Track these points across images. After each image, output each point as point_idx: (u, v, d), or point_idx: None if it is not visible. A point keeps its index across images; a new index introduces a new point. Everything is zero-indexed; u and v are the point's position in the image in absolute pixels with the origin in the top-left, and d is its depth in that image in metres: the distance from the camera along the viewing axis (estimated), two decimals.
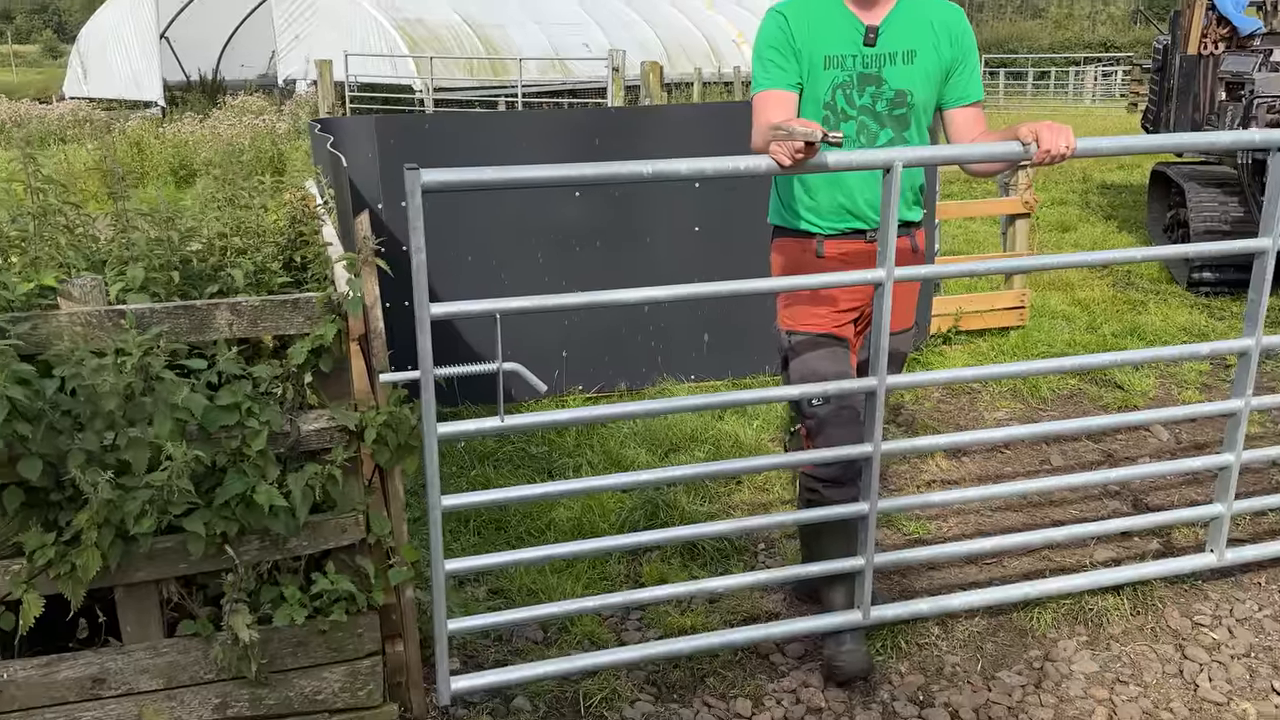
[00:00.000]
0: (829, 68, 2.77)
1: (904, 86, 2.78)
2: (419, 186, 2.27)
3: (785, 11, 2.80)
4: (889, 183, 2.51)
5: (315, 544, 2.43)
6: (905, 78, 2.78)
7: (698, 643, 2.81)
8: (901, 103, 2.79)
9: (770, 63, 2.79)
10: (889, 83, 2.77)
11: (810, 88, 2.79)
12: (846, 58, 2.77)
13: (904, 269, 2.63)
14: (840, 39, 2.77)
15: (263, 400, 2.32)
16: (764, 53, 2.81)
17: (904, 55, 2.78)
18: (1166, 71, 8.59)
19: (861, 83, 2.77)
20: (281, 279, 2.80)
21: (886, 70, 2.77)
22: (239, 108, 15.36)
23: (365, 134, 4.67)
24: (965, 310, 5.79)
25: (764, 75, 2.81)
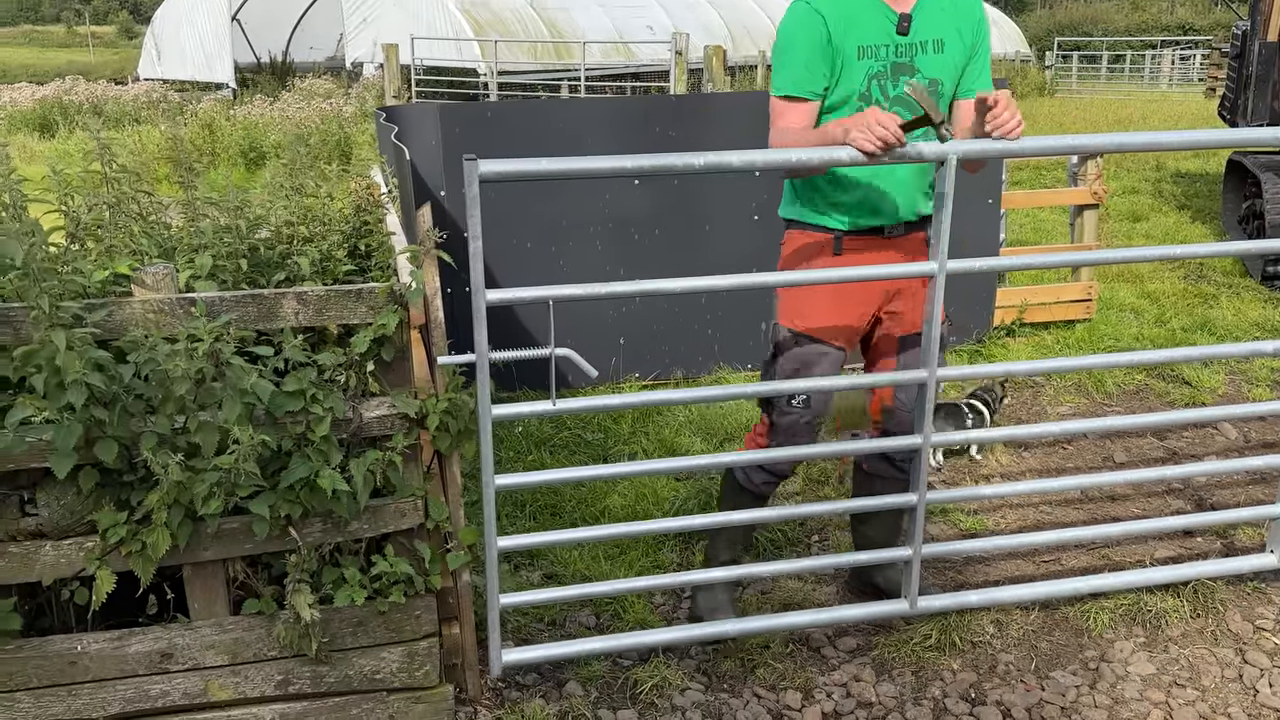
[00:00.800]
0: (863, 58, 2.69)
1: (937, 75, 2.73)
2: (476, 177, 2.30)
3: (817, 3, 2.70)
4: (943, 176, 2.50)
5: (375, 527, 2.49)
6: (938, 66, 2.73)
7: (745, 625, 2.84)
8: (934, 92, 2.74)
9: (799, 63, 2.69)
10: (923, 71, 2.72)
11: (844, 80, 2.70)
12: (880, 47, 2.70)
13: (958, 261, 2.61)
14: (873, 28, 2.69)
15: (327, 387, 2.38)
16: (793, 49, 2.71)
17: (934, 44, 2.72)
18: (1245, 58, 8.34)
19: (895, 72, 2.71)
20: (346, 267, 2.86)
21: (920, 59, 2.71)
22: (307, 90, 15.60)
23: (429, 122, 4.73)
24: (1030, 302, 5.70)
25: (790, 78, 2.71)
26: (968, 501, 3.80)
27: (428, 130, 4.72)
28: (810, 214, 2.86)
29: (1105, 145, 2.66)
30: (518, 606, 2.74)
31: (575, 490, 3.99)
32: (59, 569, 2.30)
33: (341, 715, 2.57)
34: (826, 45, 2.67)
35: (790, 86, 2.71)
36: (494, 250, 4.88)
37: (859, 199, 2.79)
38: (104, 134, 2.82)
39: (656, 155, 2.41)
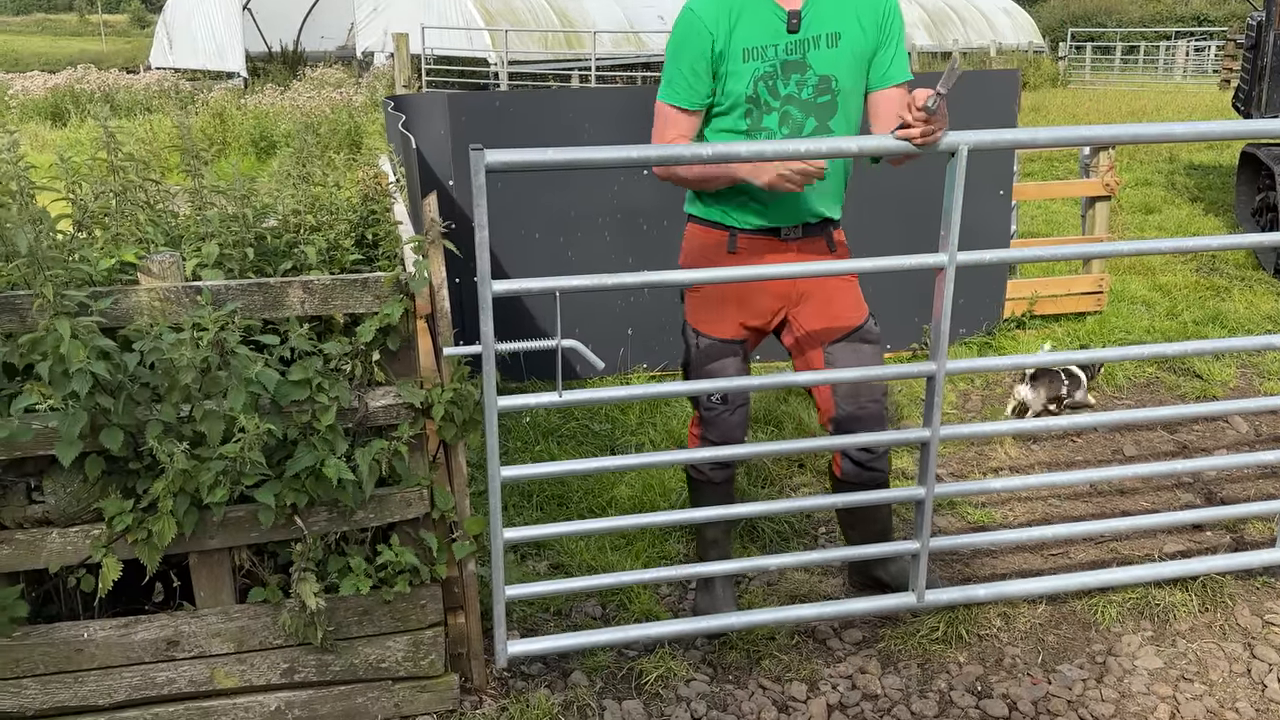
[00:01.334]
0: (748, 60, 2.64)
1: (828, 71, 2.67)
2: (483, 166, 2.29)
3: (700, 9, 2.64)
4: (954, 167, 2.47)
5: (381, 517, 2.49)
6: (830, 62, 2.66)
7: (751, 618, 2.83)
8: (826, 89, 2.68)
9: (683, 74, 2.67)
10: (814, 68, 2.66)
11: (730, 85, 2.66)
12: (767, 48, 2.64)
13: (968, 254, 2.58)
14: (761, 29, 2.64)
15: (332, 376, 2.38)
16: (679, 58, 2.68)
17: (828, 38, 2.66)
18: (1260, 49, 8.26)
19: (786, 71, 2.66)
20: (353, 256, 2.85)
21: (811, 55, 2.66)
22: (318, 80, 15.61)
23: (438, 112, 4.72)
24: (1041, 294, 5.67)
25: (674, 88, 2.70)
26: (976, 495, 3.79)
27: (436, 119, 4.72)
28: (707, 210, 2.85)
29: (1117, 136, 2.64)
30: (524, 598, 2.74)
31: (582, 481, 3.99)
32: (65, 556, 2.31)
33: (347, 704, 2.58)
34: (711, 54, 2.64)
35: (673, 96, 2.71)
36: (502, 241, 4.88)
37: (749, 200, 2.77)
38: (115, 123, 2.83)
39: (663, 145, 2.40)
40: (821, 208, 2.82)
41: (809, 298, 2.86)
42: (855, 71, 2.70)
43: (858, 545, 3.01)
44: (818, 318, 2.87)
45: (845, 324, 2.86)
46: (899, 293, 5.12)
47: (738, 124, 2.71)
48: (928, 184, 4.43)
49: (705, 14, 2.63)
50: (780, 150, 2.47)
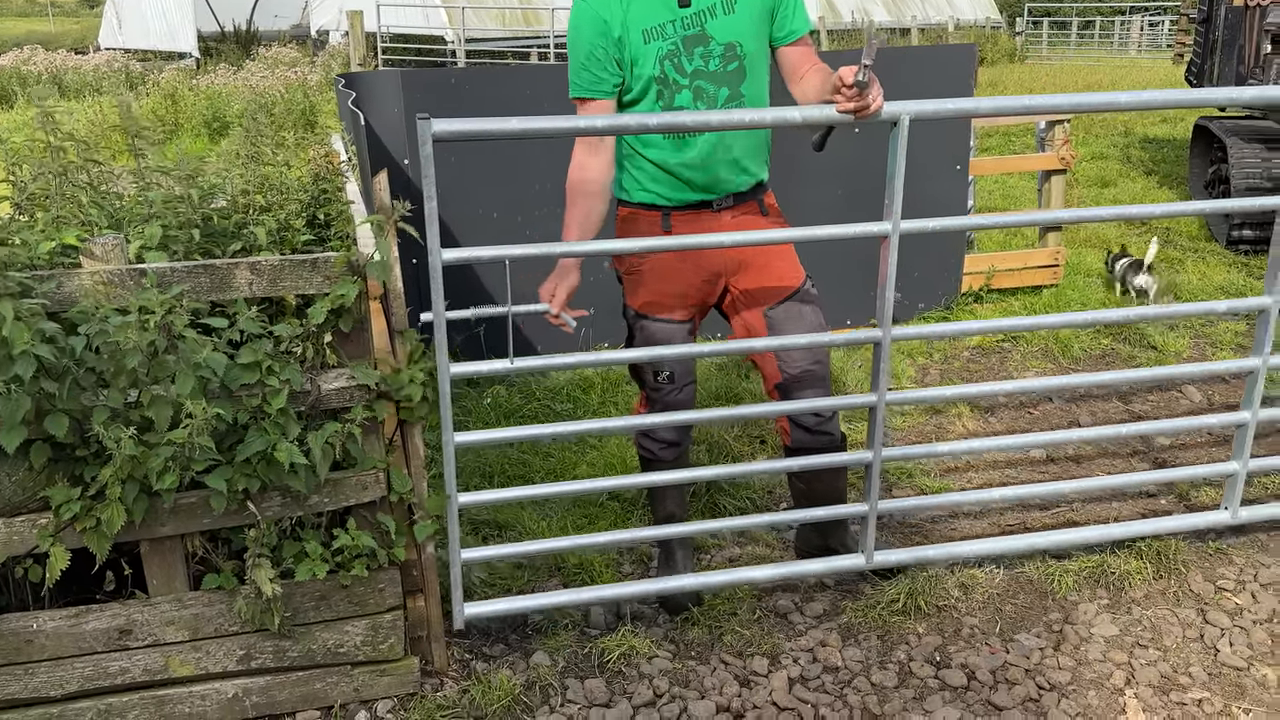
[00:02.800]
0: (649, 41, 2.63)
1: (731, 39, 2.66)
2: (430, 136, 2.27)
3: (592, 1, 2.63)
4: (896, 136, 2.49)
5: (336, 501, 2.46)
6: (730, 29, 2.66)
7: (706, 580, 2.89)
8: (733, 56, 2.68)
9: (581, 65, 2.66)
10: (715, 38, 2.66)
11: (637, 68, 2.65)
12: (665, 25, 2.63)
13: (911, 222, 2.61)
14: (654, 7, 2.63)
15: (283, 359, 2.34)
16: (576, 50, 2.67)
17: (724, 5, 2.66)
18: (1212, 23, 8.35)
19: (688, 46, 2.65)
20: (304, 236, 2.81)
21: (710, 26, 2.65)
22: (272, 59, 15.35)
23: (391, 88, 4.65)
24: (998, 268, 5.71)
25: (577, 80, 2.69)
26: (925, 459, 3.84)
27: (390, 97, 4.65)
28: (636, 191, 2.83)
29: (1058, 105, 2.69)
30: (480, 560, 2.74)
31: (544, 462, 3.97)
32: (11, 546, 2.26)
33: (306, 689, 2.55)
34: (608, 41, 2.62)
35: (578, 90, 2.70)
36: (459, 221, 4.83)
37: (676, 178, 2.77)
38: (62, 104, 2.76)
39: (612, 115, 2.38)
40: (748, 174, 2.82)
41: (747, 265, 2.86)
42: (758, 33, 2.70)
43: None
44: (758, 282, 2.87)
45: (785, 285, 2.87)
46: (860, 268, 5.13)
47: (652, 107, 2.70)
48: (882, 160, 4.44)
49: (595, 2, 2.63)
50: (725, 120, 2.47)
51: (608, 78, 2.67)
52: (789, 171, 4.93)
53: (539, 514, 3.58)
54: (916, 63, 5.32)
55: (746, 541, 3.42)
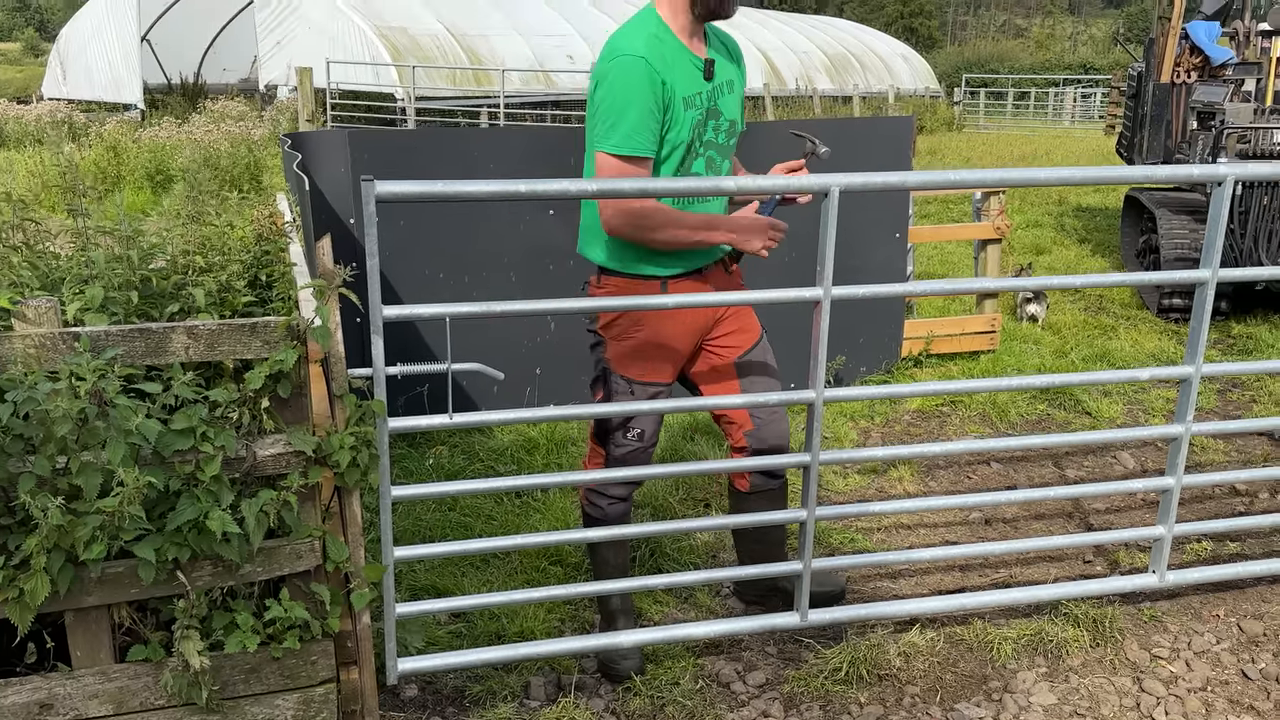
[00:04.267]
0: (688, 109, 2.70)
1: (734, 116, 2.84)
2: (373, 197, 2.29)
3: (649, 57, 2.61)
4: (827, 207, 2.56)
5: (270, 570, 2.40)
6: (732, 107, 2.84)
7: (640, 637, 2.89)
8: (733, 132, 2.86)
9: (638, 120, 2.60)
10: (724, 114, 2.80)
11: (673, 131, 2.69)
12: (695, 95, 2.72)
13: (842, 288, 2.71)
14: (689, 77, 2.70)
15: (219, 424, 2.30)
16: (631, 105, 2.59)
17: (728, 85, 2.81)
18: (1141, 98, 8.69)
19: (708, 118, 2.76)
20: (245, 298, 2.79)
21: (721, 102, 2.78)
22: (218, 113, 15.28)
23: (339, 148, 4.65)
24: (936, 334, 5.81)
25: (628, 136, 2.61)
26: (863, 519, 3.88)
27: (337, 156, 4.64)
28: (632, 264, 2.85)
29: (983, 180, 2.78)
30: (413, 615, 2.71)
31: (485, 525, 3.93)
32: None
33: None
34: (662, 100, 2.63)
35: (628, 146, 2.61)
36: (406, 281, 4.81)
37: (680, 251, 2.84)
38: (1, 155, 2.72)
39: (551, 180, 2.42)
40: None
41: (723, 319, 3.01)
42: (740, 117, 2.91)
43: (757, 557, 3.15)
44: (736, 332, 3.01)
45: (755, 333, 3.04)
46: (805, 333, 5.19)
47: (673, 171, 2.78)
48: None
49: (653, 59, 2.61)
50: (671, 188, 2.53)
51: (657, 135, 2.66)
52: None
53: (479, 579, 3.53)
54: (856, 133, 5.45)
55: (689, 607, 3.40)
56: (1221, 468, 4.55)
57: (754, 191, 2.62)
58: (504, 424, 3.47)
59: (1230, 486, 4.32)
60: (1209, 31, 8.00)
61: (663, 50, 2.66)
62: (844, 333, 5.34)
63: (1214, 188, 2.87)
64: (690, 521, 2.98)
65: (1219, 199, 2.84)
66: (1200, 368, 2.98)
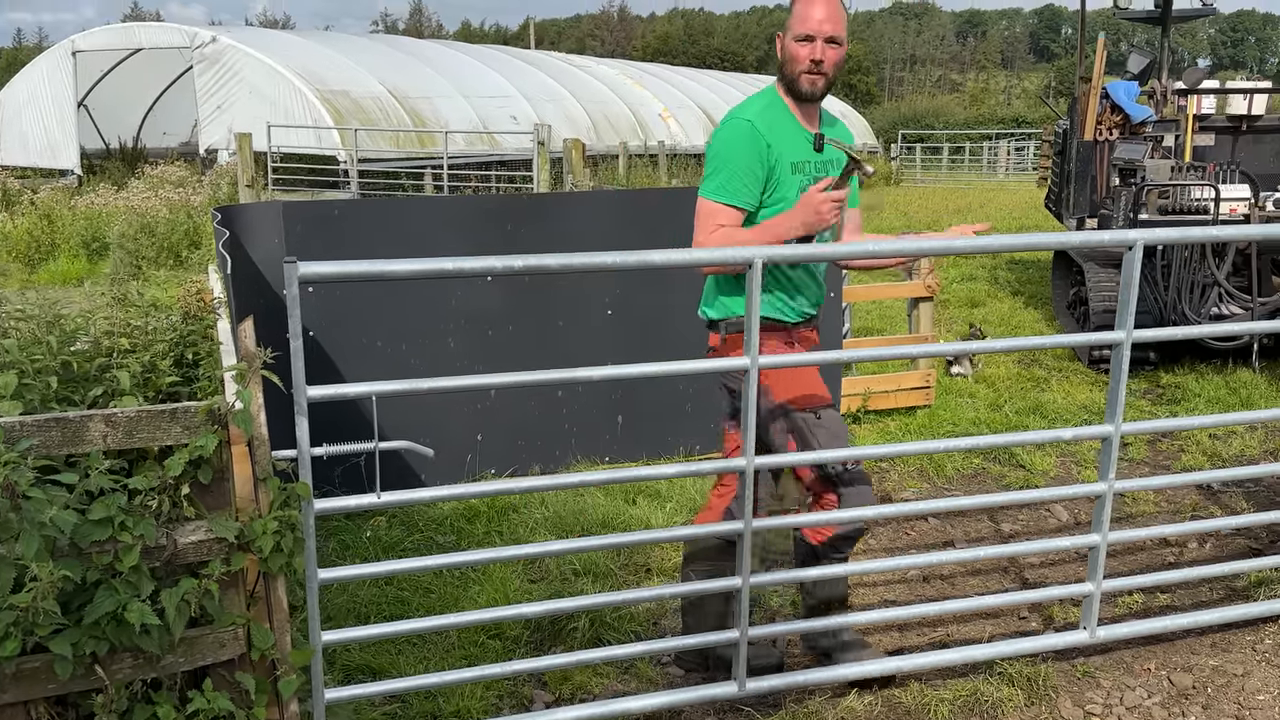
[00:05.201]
0: (796, 172, 3.04)
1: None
2: (296, 278, 2.29)
3: (755, 121, 3.00)
4: (751, 278, 2.62)
5: (193, 660, 2.35)
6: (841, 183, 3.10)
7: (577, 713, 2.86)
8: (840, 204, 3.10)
9: (738, 175, 2.97)
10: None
11: (780, 191, 3.01)
12: (805, 163, 3.06)
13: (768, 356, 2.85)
14: (799, 146, 3.05)
15: (138, 513, 2.26)
16: (734, 162, 2.97)
17: (835, 162, 3.09)
18: (1066, 155, 8.95)
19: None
20: (170, 378, 2.75)
21: (830, 173, 3.06)
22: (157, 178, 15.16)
23: (272, 220, 4.64)
24: (873, 390, 5.89)
25: (733, 188, 2.97)
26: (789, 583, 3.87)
27: (270, 229, 4.64)
28: (770, 311, 3.09)
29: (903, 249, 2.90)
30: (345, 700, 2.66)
31: (424, 599, 3.88)
32: None
33: None
34: (765, 163, 2.98)
35: (727, 195, 2.98)
36: (343, 349, 4.79)
37: (795, 289, 3.11)
38: None
39: (477, 259, 2.44)
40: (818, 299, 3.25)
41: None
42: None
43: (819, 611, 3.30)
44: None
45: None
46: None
47: None
48: None
49: (759, 124, 3.00)
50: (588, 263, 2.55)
51: (756, 190, 3.00)
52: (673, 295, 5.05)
53: (416, 656, 3.48)
54: None
55: (630, 678, 3.38)
56: (1151, 519, 4.64)
57: (677, 264, 2.65)
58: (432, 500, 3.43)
59: (1161, 538, 4.40)
60: (1128, 90, 8.31)
61: (774, 119, 3.04)
62: None
63: (1127, 254, 2.96)
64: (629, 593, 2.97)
65: (1129, 263, 2.93)
66: (1120, 427, 3.05)
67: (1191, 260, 6.66)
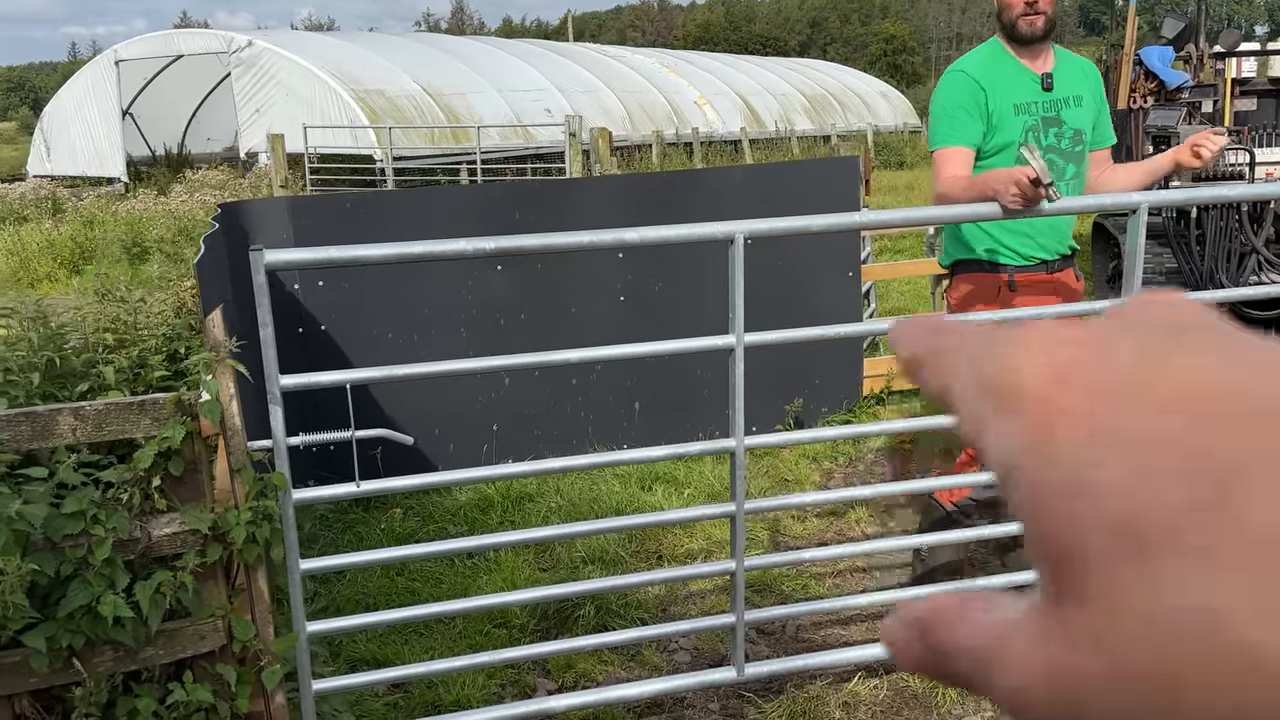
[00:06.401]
0: (1019, 114, 3.09)
1: (1080, 126, 3.14)
2: (262, 266, 2.27)
3: (969, 70, 3.12)
4: (734, 253, 2.54)
5: (172, 653, 2.35)
6: (1079, 118, 3.14)
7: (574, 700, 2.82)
8: (1079, 140, 3.15)
9: (956, 119, 3.07)
10: (1068, 123, 3.12)
11: (1002, 133, 3.08)
12: (1031, 104, 3.10)
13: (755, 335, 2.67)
14: (1023, 88, 3.11)
15: (111, 505, 2.26)
16: (950, 110, 3.09)
17: (1074, 99, 3.14)
18: None
19: (1045, 125, 3.11)
20: (159, 373, 2.75)
21: (1065, 112, 3.12)
22: (198, 182, 15.38)
23: (279, 216, 4.65)
24: (897, 370, 5.77)
25: (950, 131, 3.08)
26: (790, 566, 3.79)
27: (278, 224, 4.65)
28: (975, 248, 3.17)
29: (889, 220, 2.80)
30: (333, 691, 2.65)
31: (434, 590, 3.86)
32: None
33: None
34: (980, 104, 3.07)
35: (952, 138, 3.07)
36: (353, 341, 4.79)
37: (1025, 229, 3.11)
38: None
39: (447, 241, 2.41)
40: (1070, 236, 3.23)
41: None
42: (1090, 130, 3.19)
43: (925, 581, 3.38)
44: None
45: None
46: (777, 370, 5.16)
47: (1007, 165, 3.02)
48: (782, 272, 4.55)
49: (973, 72, 3.12)
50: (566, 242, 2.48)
51: (977, 131, 3.06)
52: (688, 281, 4.99)
53: (422, 645, 3.46)
54: (801, 176, 5.46)
55: (635, 665, 3.34)
56: None
57: (654, 241, 2.58)
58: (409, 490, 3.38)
59: None
60: (1162, 56, 8.06)
61: (992, 66, 3.13)
62: (802, 373, 5.31)
63: (1131, 218, 2.84)
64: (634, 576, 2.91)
65: (1134, 227, 2.82)
66: None
67: (1229, 228, 6.45)
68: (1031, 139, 3.06)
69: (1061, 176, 3.08)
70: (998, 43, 3.21)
